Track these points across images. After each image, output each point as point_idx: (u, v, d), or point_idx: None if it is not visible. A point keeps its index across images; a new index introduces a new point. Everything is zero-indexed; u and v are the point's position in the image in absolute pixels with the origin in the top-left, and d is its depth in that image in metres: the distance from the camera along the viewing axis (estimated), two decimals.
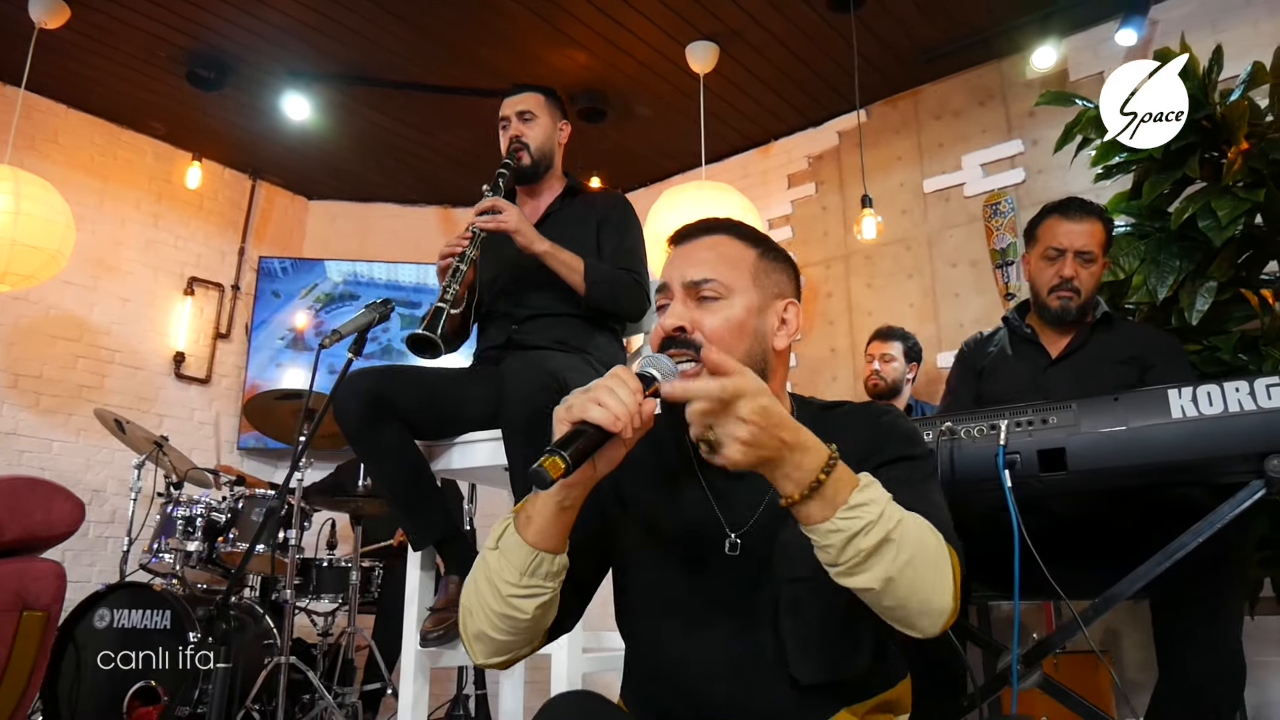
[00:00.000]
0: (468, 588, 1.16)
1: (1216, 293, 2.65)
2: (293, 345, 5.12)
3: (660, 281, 1.24)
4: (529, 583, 1.09)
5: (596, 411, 0.98)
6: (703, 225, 1.27)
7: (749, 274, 1.22)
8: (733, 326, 1.18)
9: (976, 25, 4.00)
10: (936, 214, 4.32)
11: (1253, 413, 1.55)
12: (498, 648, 1.16)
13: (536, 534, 1.08)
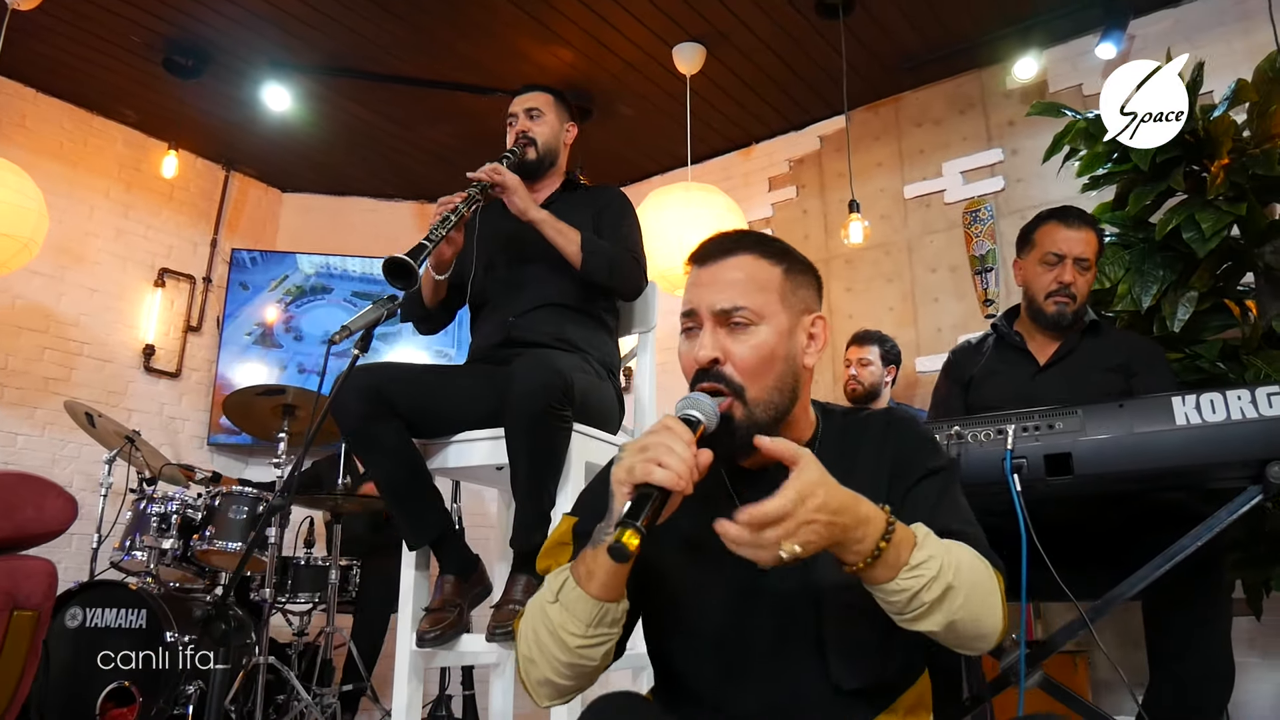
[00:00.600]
0: (526, 638, 1.16)
1: (1197, 302, 2.73)
2: (260, 341, 5.02)
3: (686, 306, 1.22)
4: (594, 633, 1.10)
5: (660, 474, 0.99)
6: (726, 244, 1.24)
7: (777, 295, 1.21)
8: (763, 355, 1.17)
9: (960, 35, 4.06)
10: (916, 219, 4.37)
11: (1254, 420, 1.60)
12: (562, 691, 1.17)
13: (600, 588, 1.08)
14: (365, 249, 5.33)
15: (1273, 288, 2.78)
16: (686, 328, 1.22)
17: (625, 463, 1.02)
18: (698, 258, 1.25)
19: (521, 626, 1.19)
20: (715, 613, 1.21)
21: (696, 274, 1.24)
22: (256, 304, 5.07)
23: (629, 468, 1.01)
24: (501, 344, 2.37)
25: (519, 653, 1.18)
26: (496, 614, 2.10)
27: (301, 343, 5.08)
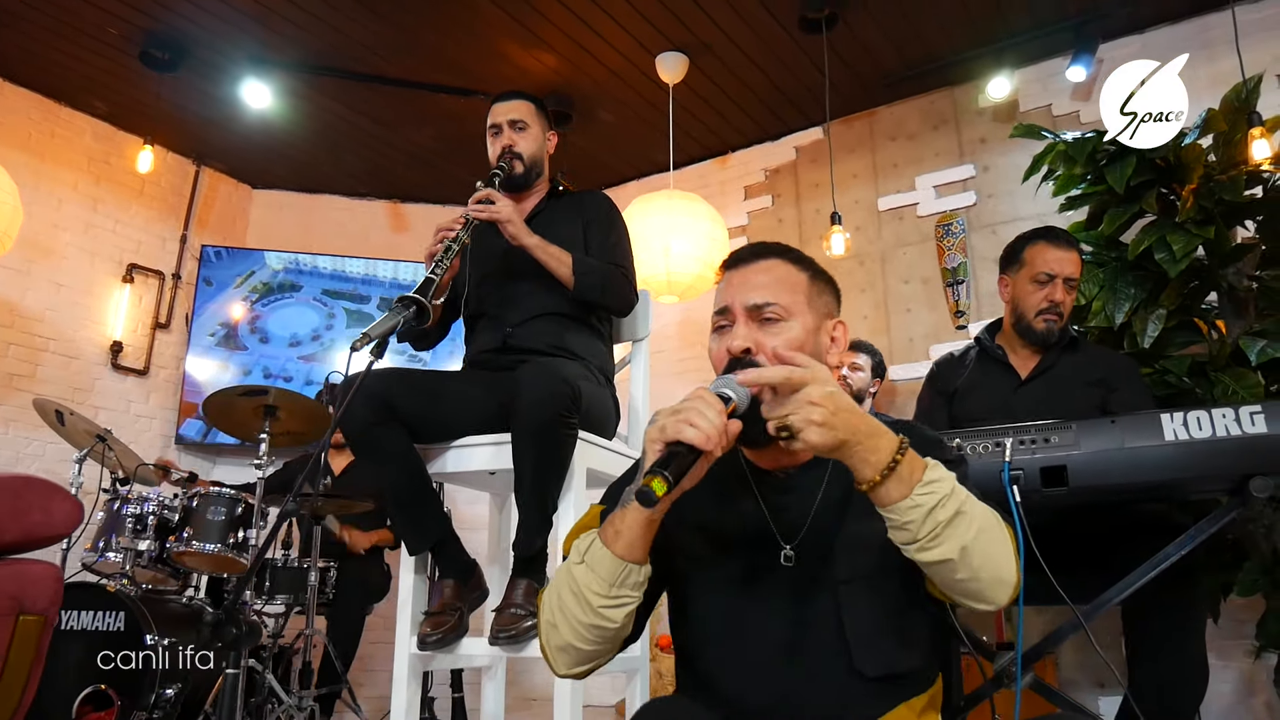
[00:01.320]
0: (550, 604, 1.21)
1: (1165, 320, 2.85)
2: (224, 343, 4.95)
3: (720, 304, 1.30)
4: (617, 593, 1.14)
5: (690, 431, 1.05)
6: (756, 250, 1.34)
7: (804, 297, 1.29)
8: (794, 347, 1.23)
9: (936, 53, 4.17)
10: (890, 231, 4.48)
11: (1238, 437, 1.70)
12: (582, 658, 1.21)
13: (626, 547, 1.13)
14: (338, 247, 5.29)
15: (1235, 307, 2.92)
16: (719, 325, 1.29)
17: (659, 423, 1.08)
18: (730, 263, 1.34)
19: (545, 594, 1.23)
20: (736, 601, 1.26)
21: (729, 276, 1.32)
22: (222, 301, 5.00)
23: (661, 426, 1.08)
24: (500, 351, 2.40)
25: (541, 620, 1.22)
26: (499, 618, 2.13)
27: (267, 345, 5.02)
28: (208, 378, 4.83)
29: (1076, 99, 4.05)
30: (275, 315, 5.08)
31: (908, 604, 1.23)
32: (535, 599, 2.17)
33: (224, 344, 4.95)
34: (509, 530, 2.75)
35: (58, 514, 1.89)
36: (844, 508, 1.26)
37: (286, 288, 5.15)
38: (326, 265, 5.21)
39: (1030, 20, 3.92)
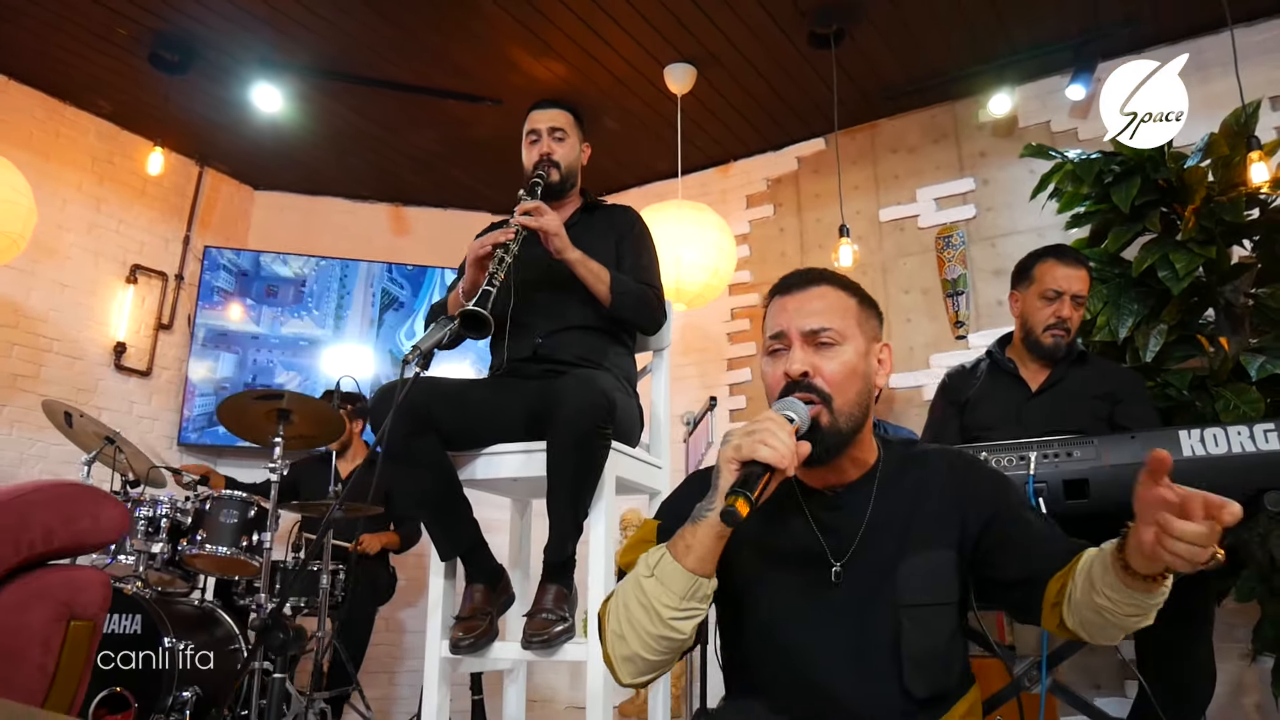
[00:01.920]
0: (617, 615, 1.25)
1: (1166, 335, 2.95)
2: (222, 344, 4.94)
3: (776, 329, 1.35)
4: (687, 606, 1.19)
5: (766, 451, 1.12)
6: (809, 276, 1.39)
7: (855, 321, 1.35)
8: (848, 370, 1.30)
9: (939, 69, 4.26)
10: (891, 242, 4.56)
11: (1252, 454, 1.78)
12: (648, 667, 1.25)
13: (697, 561, 1.18)
14: (340, 250, 5.30)
15: (1232, 323, 3.02)
16: (774, 349, 1.35)
17: (733, 443, 1.15)
18: (782, 288, 1.39)
19: (610, 606, 1.28)
20: (793, 620, 1.31)
21: (782, 301, 1.37)
22: (223, 302, 4.99)
23: (737, 446, 1.14)
24: (529, 360, 2.44)
25: (607, 630, 1.26)
26: (531, 623, 2.18)
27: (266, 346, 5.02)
28: (204, 378, 4.83)
29: (1075, 116, 4.15)
30: (274, 317, 5.09)
31: (955, 632, 1.33)
32: (564, 604, 2.23)
33: (222, 345, 4.94)
34: (529, 535, 2.81)
35: (105, 520, 1.93)
36: (904, 535, 1.32)
37: (286, 290, 5.15)
38: (326, 267, 5.22)
39: (1031, 38, 4.01)
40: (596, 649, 2.11)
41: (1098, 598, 1.15)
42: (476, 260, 2.30)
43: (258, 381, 4.90)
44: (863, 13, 3.83)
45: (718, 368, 4.91)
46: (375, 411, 2.22)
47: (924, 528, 1.33)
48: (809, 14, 3.82)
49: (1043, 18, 3.88)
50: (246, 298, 5.04)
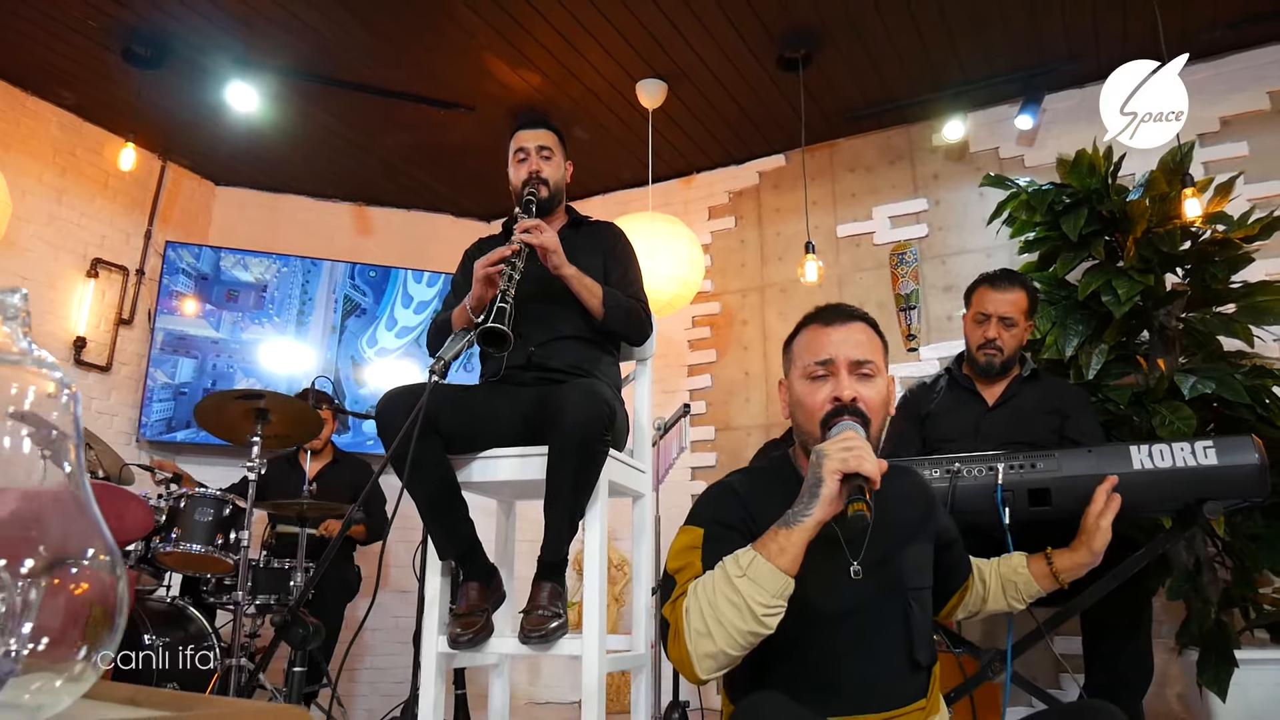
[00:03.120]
0: (701, 614, 1.35)
1: (1107, 354, 3.20)
2: (181, 342, 4.90)
3: (823, 356, 1.51)
4: (777, 603, 1.33)
5: (870, 466, 1.31)
6: (849, 312, 1.58)
7: (882, 356, 1.56)
8: (882, 398, 1.51)
9: (896, 94, 4.48)
10: (848, 257, 4.78)
11: (1194, 468, 2.00)
12: (728, 661, 1.37)
13: (790, 562, 1.33)
14: (301, 248, 5.30)
15: (1164, 344, 3.29)
16: (818, 375, 1.50)
17: (835, 458, 1.32)
18: (823, 319, 1.57)
19: (689, 606, 1.38)
20: (813, 602, 1.45)
21: (826, 331, 1.54)
22: (183, 298, 4.95)
23: (842, 459, 1.31)
24: (524, 368, 2.55)
25: (688, 628, 1.36)
26: (528, 619, 2.28)
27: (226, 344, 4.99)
28: (163, 384, 4.79)
29: (1022, 144, 4.42)
30: (234, 322, 5.05)
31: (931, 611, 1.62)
32: (559, 600, 2.35)
33: (181, 349, 4.90)
34: (514, 535, 2.92)
35: (130, 520, 1.99)
36: (900, 531, 1.55)
37: (247, 294, 5.12)
38: (288, 274, 5.20)
39: (984, 70, 4.26)
40: (592, 644, 2.25)
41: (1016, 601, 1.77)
42: (485, 278, 2.39)
43: (217, 387, 4.87)
44: (830, 40, 4.03)
45: (678, 374, 5.07)
46: (383, 415, 2.30)
47: (912, 526, 1.58)
48: (779, 39, 4.00)
49: (995, 51, 4.13)
50: (207, 303, 5.00)
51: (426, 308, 5.39)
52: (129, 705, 0.89)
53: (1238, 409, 2.92)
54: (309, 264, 5.23)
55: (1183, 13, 3.80)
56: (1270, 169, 3.90)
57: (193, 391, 4.80)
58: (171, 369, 4.84)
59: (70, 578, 0.83)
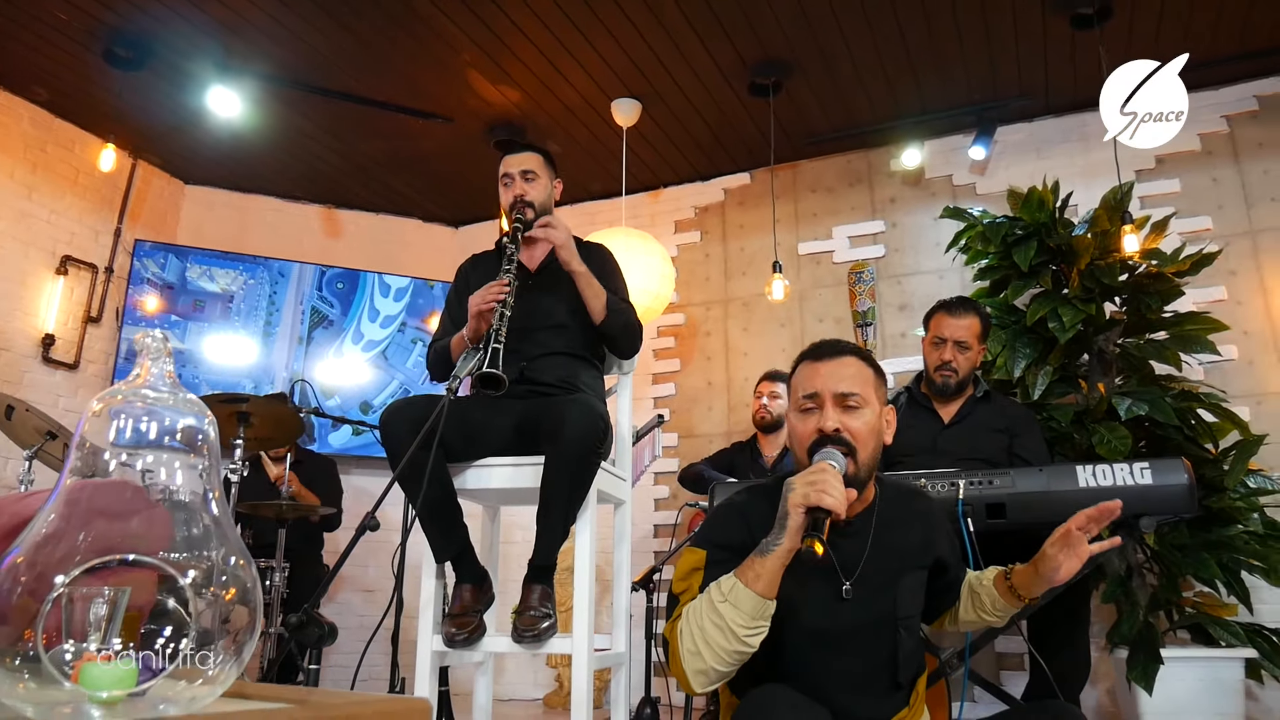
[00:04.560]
0: (691, 635, 1.50)
1: (1050, 376, 3.46)
2: None
3: (810, 390, 1.64)
4: (757, 624, 1.47)
5: (830, 500, 1.42)
6: (838, 347, 1.69)
7: (873, 388, 1.66)
8: (870, 429, 1.62)
9: (859, 121, 4.72)
10: (808, 274, 5.00)
11: (1132, 486, 2.23)
12: (718, 677, 1.53)
13: (766, 587, 1.47)
14: (269, 249, 5.33)
15: (1102, 367, 3.56)
16: (806, 408, 1.64)
17: (799, 491, 1.44)
18: (814, 355, 1.69)
19: (682, 628, 1.53)
20: (805, 624, 1.60)
21: (815, 366, 1.66)
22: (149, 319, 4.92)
23: (805, 494, 1.43)
24: (515, 382, 2.67)
25: (682, 648, 1.52)
26: (521, 619, 2.42)
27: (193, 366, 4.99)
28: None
29: (974, 173, 4.69)
30: (199, 332, 5.05)
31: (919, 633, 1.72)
32: (549, 601, 2.49)
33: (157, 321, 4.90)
34: (498, 540, 3.05)
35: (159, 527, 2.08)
36: (901, 558, 1.66)
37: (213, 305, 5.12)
38: (254, 285, 5.22)
39: (943, 102, 4.52)
40: (582, 643, 2.40)
41: (985, 615, 1.76)
42: (479, 314, 2.51)
43: (196, 384, 4.89)
44: (800, 70, 4.24)
45: (643, 382, 5.23)
46: (388, 427, 2.42)
47: (913, 553, 1.69)
48: (752, 67, 4.20)
49: (953, 86, 4.38)
50: (173, 313, 5.00)
51: (393, 322, 5.45)
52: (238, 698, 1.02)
53: (1167, 429, 3.19)
54: (276, 274, 5.25)
55: (1124, 58, 4.06)
56: (1199, 205, 4.22)
57: None
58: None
59: (221, 585, 0.97)
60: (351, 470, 5.19)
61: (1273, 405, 3.91)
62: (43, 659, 0.84)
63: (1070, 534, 1.59)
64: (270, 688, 1.02)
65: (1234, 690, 3.07)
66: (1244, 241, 4.13)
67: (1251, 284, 4.08)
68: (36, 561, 0.89)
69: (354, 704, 0.99)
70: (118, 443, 0.96)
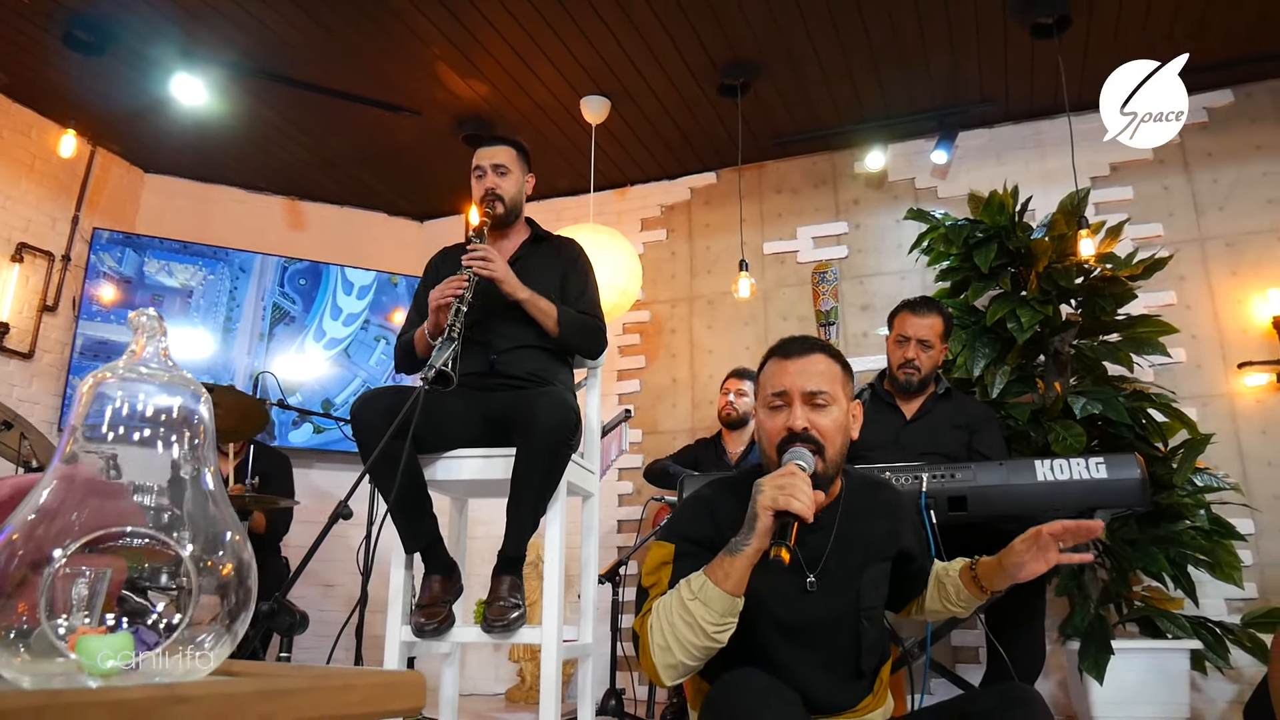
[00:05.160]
0: (661, 631, 1.54)
1: (1008, 375, 3.55)
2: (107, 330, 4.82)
3: (779, 388, 1.66)
4: (726, 621, 1.51)
5: (798, 505, 1.44)
6: (806, 344, 1.71)
7: (840, 386, 1.69)
8: (838, 426, 1.65)
9: (824, 123, 4.79)
10: (772, 273, 5.06)
11: (1088, 480, 2.32)
12: (687, 671, 1.56)
13: (735, 585, 1.50)
14: (231, 240, 5.27)
15: (1058, 367, 3.66)
16: (775, 405, 1.66)
17: (768, 494, 1.46)
18: (783, 353, 1.71)
19: (652, 624, 1.56)
20: (771, 615, 1.64)
21: (784, 364, 1.69)
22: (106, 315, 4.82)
23: (773, 498, 1.45)
24: (485, 375, 2.69)
25: (652, 643, 1.55)
26: (490, 609, 2.44)
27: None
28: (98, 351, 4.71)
29: (936, 176, 4.79)
30: (159, 310, 4.97)
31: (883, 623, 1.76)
32: (518, 592, 2.51)
33: (101, 357, 4.79)
34: (465, 531, 3.06)
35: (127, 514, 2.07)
36: (865, 550, 1.70)
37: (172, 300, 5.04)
38: (214, 281, 5.14)
39: (907, 106, 4.61)
40: (551, 633, 2.42)
41: (951, 605, 1.78)
42: (438, 308, 2.52)
43: None
44: (768, 71, 4.30)
45: (608, 378, 5.25)
46: (359, 417, 2.42)
47: (877, 545, 1.73)
48: (722, 68, 4.25)
49: (917, 91, 4.47)
50: (128, 309, 4.91)
51: (356, 320, 5.40)
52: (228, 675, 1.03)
53: (1120, 428, 3.30)
54: (237, 270, 5.18)
55: (1080, 70, 4.21)
56: (1150, 212, 4.36)
57: None
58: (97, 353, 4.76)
59: (219, 560, 0.98)
60: (313, 465, 5.15)
61: (1218, 406, 4.06)
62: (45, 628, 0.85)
63: (1042, 536, 1.60)
64: (262, 664, 1.02)
65: (1180, 680, 3.18)
66: (1193, 248, 4.27)
67: (1199, 289, 4.22)
68: (33, 536, 0.90)
69: (350, 676, 1.00)
70: (113, 420, 0.97)
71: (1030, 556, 1.61)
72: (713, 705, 1.49)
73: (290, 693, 0.84)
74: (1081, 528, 1.58)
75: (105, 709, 0.70)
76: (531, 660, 4.59)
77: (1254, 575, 3.78)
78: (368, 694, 0.91)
